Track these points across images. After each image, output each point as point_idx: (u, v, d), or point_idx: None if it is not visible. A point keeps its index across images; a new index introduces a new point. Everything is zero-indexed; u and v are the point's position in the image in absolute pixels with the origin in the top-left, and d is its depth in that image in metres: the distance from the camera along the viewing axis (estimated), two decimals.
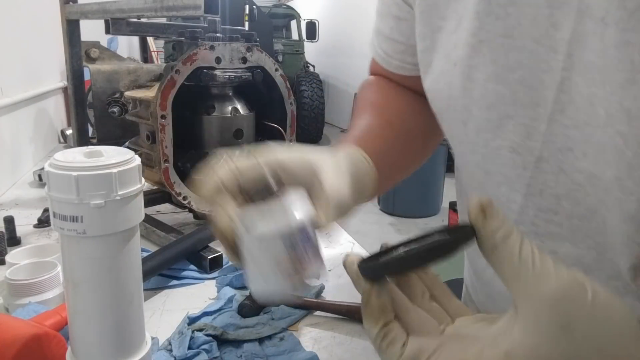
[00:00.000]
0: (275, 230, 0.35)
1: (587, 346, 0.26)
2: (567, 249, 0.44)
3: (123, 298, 0.47)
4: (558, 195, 0.43)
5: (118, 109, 1.02)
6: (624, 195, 0.38)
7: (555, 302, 0.27)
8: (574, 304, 0.27)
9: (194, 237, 0.84)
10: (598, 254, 0.42)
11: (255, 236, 0.35)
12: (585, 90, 0.39)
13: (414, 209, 4.19)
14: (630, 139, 0.36)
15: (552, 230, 0.45)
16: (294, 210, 0.37)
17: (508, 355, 0.27)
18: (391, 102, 0.65)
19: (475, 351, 0.29)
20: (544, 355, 0.26)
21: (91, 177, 0.42)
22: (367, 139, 0.56)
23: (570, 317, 0.26)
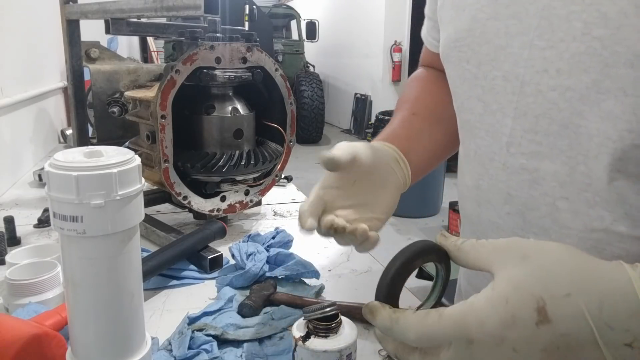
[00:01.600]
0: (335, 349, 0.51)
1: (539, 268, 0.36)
2: (547, 165, 0.50)
3: (123, 298, 0.47)
4: (537, 116, 0.50)
5: (118, 109, 1.02)
6: (602, 94, 0.44)
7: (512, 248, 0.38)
8: (525, 244, 0.38)
9: (194, 237, 0.84)
10: (570, 168, 0.48)
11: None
12: (563, 10, 0.45)
13: (414, 209, 4.19)
14: (606, 39, 0.43)
15: (534, 149, 0.51)
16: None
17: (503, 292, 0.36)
18: (421, 95, 0.75)
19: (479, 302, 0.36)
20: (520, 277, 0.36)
21: (91, 177, 0.42)
22: (395, 132, 0.67)
23: (526, 250, 0.37)
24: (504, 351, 0.35)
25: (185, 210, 1.06)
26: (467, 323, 0.35)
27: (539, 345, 0.34)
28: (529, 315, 0.34)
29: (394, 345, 0.40)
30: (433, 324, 0.36)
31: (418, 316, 0.37)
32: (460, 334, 0.35)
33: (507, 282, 0.36)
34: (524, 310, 0.35)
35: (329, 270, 0.84)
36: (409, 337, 0.37)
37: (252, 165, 0.94)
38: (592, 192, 0.47)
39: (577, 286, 0.35)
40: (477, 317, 0.35)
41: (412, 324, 0.37)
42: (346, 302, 0.69)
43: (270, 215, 1.13)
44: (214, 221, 0.90)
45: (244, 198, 1.00)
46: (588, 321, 0.34)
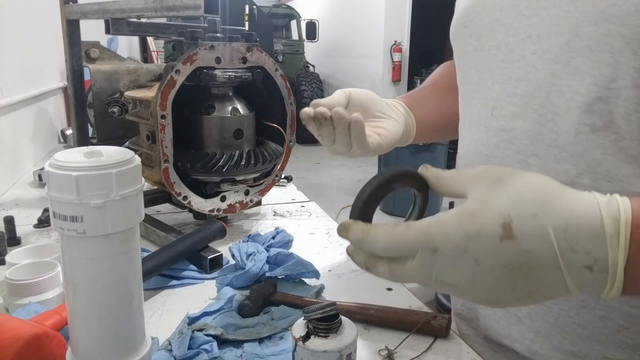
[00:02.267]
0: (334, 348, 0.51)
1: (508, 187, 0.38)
2: (520, 125, 0.54)
3: (123, 298, 0.47)
4: (518, 79, 0.54)
5: (118, 109, 1.02)
6: (572, 52, 0.48)
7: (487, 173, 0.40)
8: (501, 170, 0.40)
9: (194, 237, 0.84)
10: (540, 125, 0.52)
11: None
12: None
13: None
14: (578, 2, 0.47)
15: (512, 111, 0.55)
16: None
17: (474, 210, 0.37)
18: (442, 73, 0.82)
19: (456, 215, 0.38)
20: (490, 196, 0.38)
21: (91, 177, 0.42)
22: (407, 96, 0.76)
23: (500, 175, 0.39)
24: (466, 262, 0.37)
25: (185, 210, 1.06)
26: (433, 234, 0.37)
27: (501, 260, 0.36)
28: (493, 230, 0.36)
29: (364, 257, 0.41)
30: (401, 234, 0.38)
31: (387, 227, 0.39)
32: (426, 243, 0.37)
33: (477, 199, 0.38)
34: (489, 225, 0.36)
35: (329, 270, 0.84)
36: (378, 247, 0.39)
37: (252, 165, 0.94)
38: (559, 147, 0.51)
39: (544, 207, 0.36)
40: (443, 228, 0.37)
41: (381, 235, 0.39)
42: (346, 302, 0.69)
43: (270, 215, 1.13)
44: (214, 221, 0.90)
45: (244, 198, 1.00)
46: (552, 241, 0.35)
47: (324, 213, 1.15)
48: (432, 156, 3.96)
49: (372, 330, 0.67)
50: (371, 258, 0.41)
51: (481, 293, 0.38)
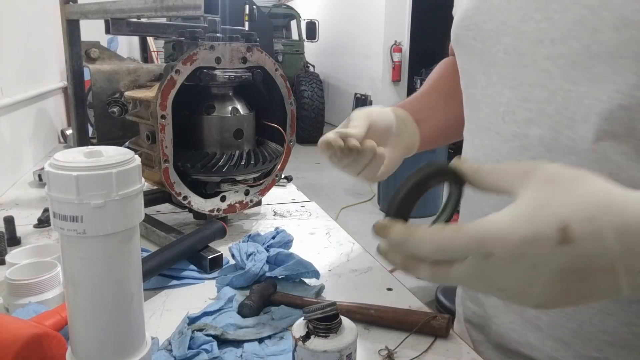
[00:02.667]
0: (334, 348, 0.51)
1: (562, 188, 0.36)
2: (535, 131, 0.52)
3: (123, 298, 0.47)
4: (531, 84, 0.53)
5: (118, 109, 1.02)
6: (592, 59, 0.47)
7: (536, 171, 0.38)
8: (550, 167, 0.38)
9: (194, 237, 0.84)
10: (556, 132, 0.51)
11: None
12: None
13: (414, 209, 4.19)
14: (595, 6, 0.46)
15: (526, 116, 0.53)
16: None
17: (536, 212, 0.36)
18: (441, 74, 0.81)
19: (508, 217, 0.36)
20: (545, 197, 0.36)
21: (91, 177, 0.42)
22: (411, 101, 0.76)
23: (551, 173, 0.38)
24: (522, 267, 0.35)
25: (185, 210, 1.06)
26: (487, 237, 0.35)
27: (557, 265, 0.35)
28: (551, 234, 0.34)
29: (402, 258, 0.40)
30: (451, 236, 0.36)
31: (434, 229, 0.37)
32: (479, 247, 0.35)
33: (531, 201, 0.36)
34: (547, 229, 0.35)
35: (329, 270, 0.84)
36: (425, 250, 0.37)
37: (252, 165, 0.94)
38: (576, 154, 0.49)
39: (602, 210, 0.35)
40: (498, 231, 0.35)
41: (428, 237, 0.37)
42: (346, 302, 0.69)
43: (270, 215, 1.13)
44: (214, 221, 0.90)
45: (244, 198, 1.00)
46: (610, 245, 0.34)
47: (324, 213, 1.15)
48: (432, 156, 3.97)
49: (372, 330, 0.67)
50: (411, 259, 0.39)
51: (532, 297, 0.37)
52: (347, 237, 0.99)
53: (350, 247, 0.95)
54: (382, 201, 4.29)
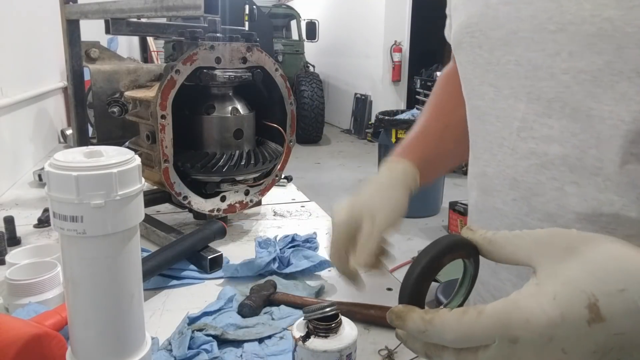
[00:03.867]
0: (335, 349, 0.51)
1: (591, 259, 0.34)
2: (556, 149, 0.49)
3: (123, 298, 0.47)
4: (550, 99, 0.49)
5: (118, 109, 1.02)
6: (615, 76, 0.43)
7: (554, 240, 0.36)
8: (569, 235, 0.37)
9: (194, 237, 0.84)
10: (581, 152, 0.47)
11: None
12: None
13: (414, 209, 4.16)
14: (617, 20, 0.42)
15: (545, 133, 0.50)
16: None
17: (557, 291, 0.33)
18: (453, 101, 0.75)
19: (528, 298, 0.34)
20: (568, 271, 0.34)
21: (91, 177, 0.42)
22: (419, 144, 0.73)
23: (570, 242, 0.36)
24: (552, 351, 0.33)
25: (185, 210, 1.06)
26: (511, 321, 0.33)
27: (590, 346, 0.32)
28: (579, 313, 0.32)
29: (423, 345, 0.37)
30: (473, 322, 0.34)
31: (455, 315, 0.35)
32: (504, 332, 0.33)
33: (554, 277, 0.34)
34: (574, 308, 0.32)
35: (329, 270, 0.84)
36: (447, 338, 0.35)
37: (252, 165, 0.94)
38: (603, 176, 0.46)
39: (632, 280, 0.32)
40: (522, 314, 0.33)
41: (449, 324, 0.35)
42: (346, 302, 0.69)
43: (270, 215, 1.13)
44: (214, 221, 0.90)
45: (244, 198, 1.00)
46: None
47: (324, 213, 1.15)
48: None
49: (372, 330, 0.67)
50: (433, 347, 0.37)
51: None
52: None
53: None
54: None
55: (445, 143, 0.74)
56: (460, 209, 3.65)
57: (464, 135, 0.72)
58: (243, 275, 0.79)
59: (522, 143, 0.52)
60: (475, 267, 0.41)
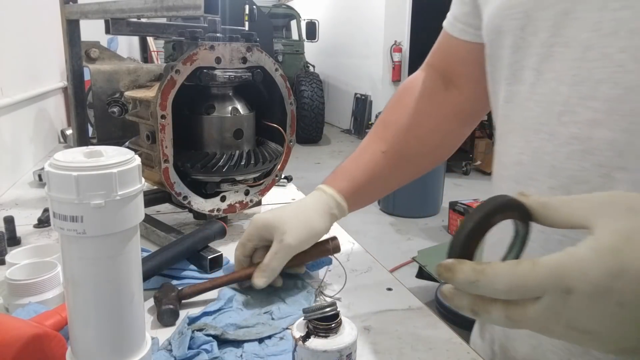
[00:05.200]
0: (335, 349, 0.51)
1: None
2: (603, 133, 0.46)
3: (123, 298, 0.47)
4: (598, 80, 0.46)
5: (118, 109, 1.02)
6: None
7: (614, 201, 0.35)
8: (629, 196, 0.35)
9: (194, 237, 0.84)
10: (631, 135, 0.44)
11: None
12: None
13: (414, 209, 4.19)
14: None
15: (590, 117, 0.47)
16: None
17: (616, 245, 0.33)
18: (397, 125, 0.77)
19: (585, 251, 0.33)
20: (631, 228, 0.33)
21: (91, 177, 0.42)
22: (351, 172, 0.76)
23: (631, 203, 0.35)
24: (607, 304, 0.32)
25: (185, 210, 1.06)
26: (567, 272, 0.32)
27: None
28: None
29: (470, 300, 0.36)
30: (526, 272, 0.33)
31: (508, 265, 0.34)
32: (559, 283, 0.33)
33: (615, 233, 0.33)
34: (635, 262, 0.32)
35: (329, 270, 0.84)
36: (499, 288, 0.34)
37: (252, 165, 0.94)
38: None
39: None
40: (580, 265, 0.32)
41: (502, 274, 0.34)
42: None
43: None
44: (214, 221, 0.90)
45: (244, 198, 1.00)
46: None
47: None
48: None
49: (372, 330, 0.67)
50: (481, 301, 0.36)
51: (618, 341, 0.33)
52: (347, 237, 0.99)
53: (350, 247, 0.95)
54: (382, 201, 4.29)
55: (379, 169, 0.75)
56: (460, 209, 3.65)
57: (400, 163, 0.75)
58: None
59: (563, 128, 0.50)
60: (526, 232, 0.40)
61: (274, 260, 0.69)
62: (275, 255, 0.69)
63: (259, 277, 0.69)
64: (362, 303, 0.74)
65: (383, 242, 3.66)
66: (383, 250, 3.44)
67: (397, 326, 0.67)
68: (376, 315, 0.70)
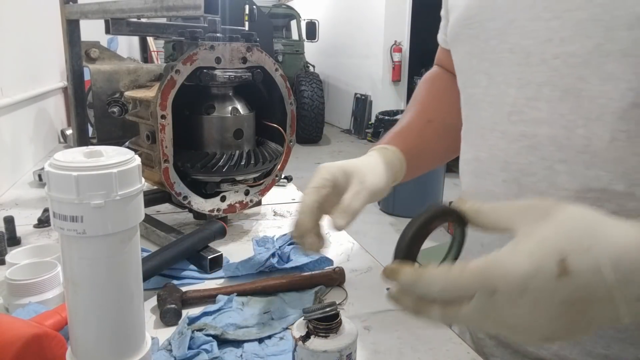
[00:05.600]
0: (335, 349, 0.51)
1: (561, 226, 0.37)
2: (545, 130, 0.52)
3: (123, 298, 0.47)
4: (540, 84, 0.52)
5: (118, 109, 1.02)
6: (604, 57, 0.47)
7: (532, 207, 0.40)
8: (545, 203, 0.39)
9: (194, 237, 0.84)
10: (569, 131, 0.50)
11: None
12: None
13: (414, 209, 4.17)
14: (608, 5, 0.45)
15: (535, 116, 0.53)
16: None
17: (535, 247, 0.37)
18: (436, 100, 0.79)
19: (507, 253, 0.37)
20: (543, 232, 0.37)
21: (91, 177, 0.42)
22: (405, 135, 0.73)
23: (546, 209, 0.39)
24: (525, 302, 0.36)
25: (185, 210, 1.06)
26: (492, 274, 0.36)
27: (558, 297, 0.35)
28: (551, 268, 0.35)
29: (413, 301, 0.40)
30: (457, 275, 0.37)
31: (442, 269, 0.38)
32: (485, 284, 0.36)
33: (530, 236, 0.37)
34: (546, 263, 0.35)
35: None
36: (434, 289, 0.38)
37: (252, 165, 0.94)
38: (591, 153, 0.49)
39: (597, 241, 0.36)
40: (501, 268, 0.36)
41: (436, 277, 0.38)
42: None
43: (270, 215, 1.13)
44: (214, 221, 0.90)
45: (244, 198, 1.00)
46: (606, 275, 0.35)
47: None
48: None
49: (372, 330, 0.67)
50: (422, 302, 0.40)
51: (538, 332, 0.37)
52: (347, 237, 0.99)
53: (350, 247, 0.95)
54: (382, 201, 4.29)
55: (427, 138, 0.76)
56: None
57: (446, 132, 0.76)
58: (244, 274, 0.79)
59: (512, 126, 0.55)
60: (462, 234, 0.45)
61: (356, 200, 0.60)
62: (357, 195, 0.60)
63: (341, 218, 0.59)
64: (362, 303, 0.74)
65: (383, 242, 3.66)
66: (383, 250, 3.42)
67: (397, 326, 0.67)
68: (376, 315, 0.70)
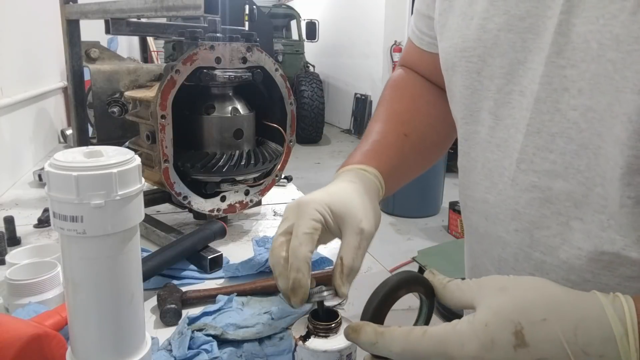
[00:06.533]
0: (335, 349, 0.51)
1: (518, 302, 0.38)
2: (560, 184, 0.48)
3: (123, 298, 0.47)
4: (553, 134, 0.48)
5: (118, 109, 1.02)
6: (613, 118, 0.43)
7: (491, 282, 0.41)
8: (504, 278, 0.41)
9: (194, 237, 0.84)
10: (587, 188, 0.47)
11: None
12: (582, 28, 0.44)
13: (414, 209, 4.19)
14: (618, 62, 0.42)
15: (547, 168, 0.49)
16: None
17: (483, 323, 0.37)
18: (411, 112, 0.72)
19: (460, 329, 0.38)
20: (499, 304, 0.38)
21: (91, 177, 0.42)
22: (381, 152, 0.66)
23: (504, 283, 0.40)
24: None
25: (185, 210, 1.06)
26: (449, 343, 0.37)
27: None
28: (507, 339, 0.36)
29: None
30: (417, 340, 0.38)
31: (403, 331, 0.39)
32: (441, 352, 0.37)
33: (487, 309, 0.38)
34: (502, 334, 0.36)
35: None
36: (393, 351, 0.39)
37: (252, 165, 0.94)
38: (607, 214, 0.46)
39: (552, 312, 0.36)
40: (458, 338, 0.37)
41: (396, 338, 0.39)
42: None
43: (270, 215, 1.13)
44: (214, 221, 0.90)
45: (244, 198, 1.00)
46: (564, 346, 0.35)
47: None
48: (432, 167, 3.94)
49: None
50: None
51: None
52: None
53: None
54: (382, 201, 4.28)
55: (405, 155, 0.69)
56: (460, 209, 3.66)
57: (423, 147, 0.71)
58: (244, 274, 0.79)
59: (522, 175, 0.51)
60: (430, 306, 0.46)
61: (358, 258, 0.54)
62: (358, 252, 0.55)
63: (346, 287, 0.53)
64: (362, 303, 0.73)
65: (383, 242, 3.66)
66: (383, 250, 3.44)
67: None
68: None
